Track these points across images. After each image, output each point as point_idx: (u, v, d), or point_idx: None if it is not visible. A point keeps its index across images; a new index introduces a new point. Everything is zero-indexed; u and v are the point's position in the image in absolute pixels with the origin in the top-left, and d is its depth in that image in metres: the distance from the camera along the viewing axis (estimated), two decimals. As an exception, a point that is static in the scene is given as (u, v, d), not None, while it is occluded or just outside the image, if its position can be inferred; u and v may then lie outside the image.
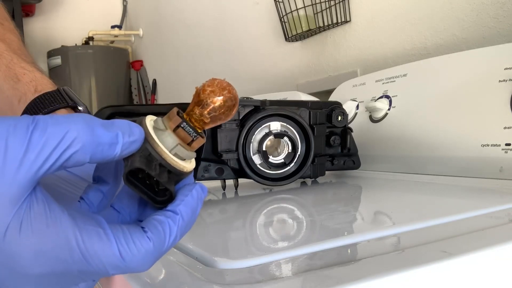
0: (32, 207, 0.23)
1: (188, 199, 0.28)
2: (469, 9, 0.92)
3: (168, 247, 0.27)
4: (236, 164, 0.67)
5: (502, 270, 0.35)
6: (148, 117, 0.29)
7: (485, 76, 0.70)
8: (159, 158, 0.28)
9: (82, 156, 0.24)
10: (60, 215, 0.24)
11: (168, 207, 0.28)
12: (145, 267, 0.26)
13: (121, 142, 0.25)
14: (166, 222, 0.27)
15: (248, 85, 1.74)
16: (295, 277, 0.31)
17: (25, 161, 0.22)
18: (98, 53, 2.67)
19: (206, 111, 0.28)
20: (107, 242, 0.25)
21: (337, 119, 0.73)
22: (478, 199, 0.57)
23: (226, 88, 0.29)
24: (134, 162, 0.27)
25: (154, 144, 0.28)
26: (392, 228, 0.42)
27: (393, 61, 1.10)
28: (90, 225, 0.25)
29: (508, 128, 0.64)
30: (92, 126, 0.24)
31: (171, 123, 0.29)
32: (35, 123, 0.23)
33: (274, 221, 0.51)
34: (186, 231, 0.28)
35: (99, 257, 0.24)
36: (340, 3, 1.22)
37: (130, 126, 0.26)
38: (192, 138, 0.29)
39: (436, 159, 0.73)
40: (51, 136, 0.23)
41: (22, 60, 0.52)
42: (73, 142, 0.23)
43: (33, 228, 0.23)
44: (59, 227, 0.24)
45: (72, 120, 0.24)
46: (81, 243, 0.24)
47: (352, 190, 0.71)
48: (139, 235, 0.26)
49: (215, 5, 1.96)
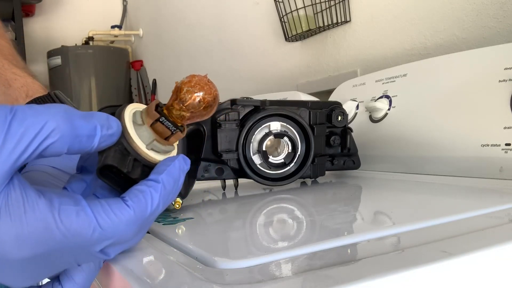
0: (10, 195, 0.23)
1: (170, 168, 0.28)
2: (469, 9, 0.92)
3: (152, 214, 0.28)
4: (236, 164, 0.67)
5: (502, 270, 0.35)
6: (129, 107, 0.29)
7: (485, 76, 0.70)
8: (134, 153, 0.28)
9: (60, 147, 0.24)
10: (37, 199, 0.24)
11: (150, 176, 0.28)
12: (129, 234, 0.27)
13: (99, 135, 0.26)
14: (147, 190, 0.27)
15: (248, 85, 1.74)
16: (295, 277, 0.31)
17: (3, 151, 0.23)
18: (98, 53, 2.67)
19: (185, 107, 0.28)
20: (85, 218, 0.25)
21: (337, 119, 0.73)
22: (478, 199, 0.57)
23: (206, 85, 0.29)
24: (107, 158, 0.27)
25: (130, 139, 0.28)
26: (392, 228, 0.42)
27: (393, 61, 1.10)
28: (67, 205, 0.25)
29: (508, 128, 0.64)
30: (71, 117, 0.25)
31: (149, 118, 0.29)
32: (13, 112, 0.23)
33: (274, 221, 0.51)
34: (169, 200, 0.29)
35: (80, 234, 0.25)
36: (340, 3, 1.22)
37: (109, 120, 0.27)
38: (171, 132, 0.29)
39: (436, 159, 0.73)
40: (30, 126, 0.23)
41: (13, 65, 0.53)
42: (52, 133, 0.24)
43: (11, 215, 0.23)
44: (37, 211, 0.24)
45: (51, 110, 0.24)
46: (59, 224, 0.24)
47: (352, 190, 0.71)
48: (118, 205, 0.26)
49: (215, 5, 1.96)
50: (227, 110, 0.66)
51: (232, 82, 1.88)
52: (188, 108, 0.28)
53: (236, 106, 0.67)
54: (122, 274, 0.35)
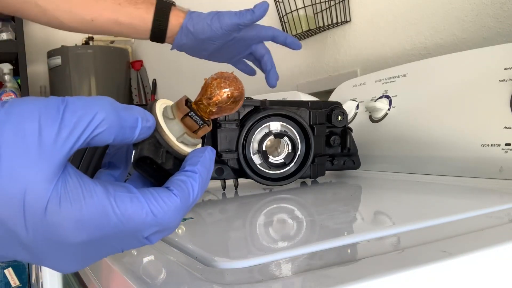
0: (68, 182, 0.25)
1: (203, 159, 0.30)
2: (469, 9, 0.92)
3: (193, 202, 0.29)
4: (236, 164, 0.67)
5: (502, 270, 0.35)
6: (158, 102, 0.31)
7: (485, 76, 0.70)
8: (166, 146, 0.30)
9: (107, 136, 0.26)
10: (93, 186, 0.26)
11: (187, 168, 0.30)
12: (176, 221, 0.28)
13: (140, 127, 0.27)
14: (188, 180, 0.29)
15: (248, 85, 1.73)
16: (295, 277, 0.31)
17: (58, 140, 0.24)
18: (98, 53, 2.67)
19: (213, 102, 0.30)
20: (138, 204, 0.26)
21: (337, 119, 0.73)
22: (478, 199, 0.57)
23: (233, 81, 0.30)
24: (142, 150, 0.29)
25: (162, 132, 0.30)
26: (392, 228, 0.42)
27: (393, 61, 1.10)
28: (121, 192, 0.26)
29: (508, 128, 0.64)
30: (117, 109, 0.26)
31: (179, 112, 0.31)
32: (65, 103, 0.25)
33: (274, 221, 0.51)
34: (205, 189, 0.30)
35: (134, 219, 0.26)
36: (340, 3, 1.22)
37: (145, 113, 0.28)
38: (199, 126, 0.31)
39: (436, 159, 0.73)
40: (82, 116, 0.25)
41: None
42: (102, 123, 0.25)
43: (71, 200, 0.25)
44: (95, 197, 0.25)
45: (100, 102, 0.26)
46: (116, 209, 0.26)
47: (352, 190, 0.71)
48: (166, 194, 0.28)
49: (215, 5, 1.96)
50: (227, 110, 0.66)
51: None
52: (216, 103, 0.30)
53: (236, 106, 0.67)
54: (122, 274, 0.35)
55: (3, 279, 1.23)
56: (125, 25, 0.74)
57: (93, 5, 0.73)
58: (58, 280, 0.67)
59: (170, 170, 0.30)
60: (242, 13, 0.73)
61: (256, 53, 0.83)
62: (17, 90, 2.34)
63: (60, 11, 0.72)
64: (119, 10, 0.73)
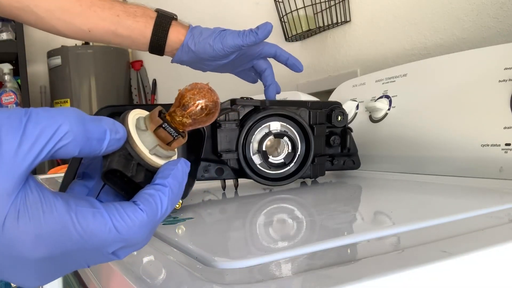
0: (27, 196, 0.24)
1: (174, 172, 0.29)
2: (469, 9, 0.92)
3: (161, 218, 0.28)
4: (236, 164, 0.67)
5: (502, 270, 0.35)
6: (131, 113, 0.30)
7: (485, 76, 0.70)
8: (138, 158, 0.29)
9: (72, 149, 0.25)
10: (54, 200, 0.25)
11: (157, 181, 0.29)
12: (141, 237, 0.27)
13: (108, 139, 0.27)
14: (156, 194, 0.28)
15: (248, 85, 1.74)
16: (295, 277, 0.31)
17: (19, 152, 0.23)
18: (98, 53, 2.67)
19: (187, 113, 0.29)
20: (101, 220, 0.26)
21: (337, 119, 0.73)
22: (478, 199, 0.57)
23: (208, 92, 0.30)
24: (112, 163, 0.28)
25: (134, 144, 0.29)
26: (392, 228, 0.42)
27: (393, 61, 1.10)
28: (83, 206, 0.26)
29: (508, 128, 0.64)
30: (83, 121, 0.25)
31: (152, 123, 0.30)
32: (28, 115, 0.24)
33: (274, 221, 0.51)
34: (175, 203, 0.29)
35: (96, 235, 0.25)
36: (340, 3, 1.22)
37: (115, 125, 0.28)
38: (173, 138, 0.30)
39: (436, 159, 0.73)
40: (44, 128, 0.24)
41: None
42: (66, 135, 0.24)
43: (30, 215, 0.24)
44: (55, 213, 0.25)
45: (65, 113, 0.25)
46: (77, 225, 0.25)
47: (352, 190, 0.71)
48: (131, 209, 0.27)
49: (215, 5, 1.96)
50: (227, 110, 0.66)
51: (232, 82, 1.88)
52: (190, 115, 0.29)
53: (236, 106, 0.67)
54: (122, 274, 0.35)
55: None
56: (124, 37, 0.73)
57: (90, 16, 0.71)
58: (58, 280, 0.67)
59: (141, 183, 0.29)
60: (246, 35, 0.71)
61: (258, 68, 0.82)
62: (17, 90, 2.33)
63: (56, 20, 0.71)
64: (117, 22, 0.72)
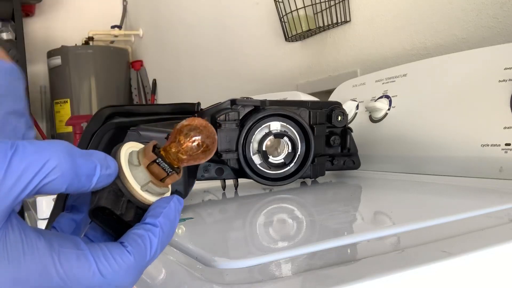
0: (8, 235, 0.23)
1: (166, 211, 0.28)
2: (469, 9, 0.92)
3: (151, 260, 0.27)
4: (236, 164, 0.67)
5: (502, 270, 0.35)
6: (124, 146, 0.29)
7: (485, 76, 0.70)
8: (128, 195, 0.28)
9: (59, 185, 0.23)
10: (36, 241, 0.23)
11: (147, 220, 0.27)
12: (128, 282, 0.26)
13: (98, 175, 0.25)
14: (146, 235, 0.26)
15: (248, 85, 1.74)
16: (295, 277, 0.31)
17: (2, 188, 0.22)
18: (98, 53, 2.67)
19: (183, 149, 0.28)
20: (85, 263, 0.24)
21: (337, 119, 0.73)
22: (478, 199, 0.57)
23: (205, 128, 0.28)
24: (100, 200, 0.27)
25: (125, 180, 0.27)
26: (392, 228, 0.42)
27: (393, 61, 1.10)
28: (67, 248, 0.24)
29: (508, 128, 0.64)
30: (73, 155, 0.24)
31: (146, 158, 0.28)
32: (14, 148, 0.22)
33: (274, 221, 0.51)
34: (167, 243, 0.28)
35: (78, 279, 0.24)
36: (340, 3, 1.22)
37: (107, 159, 0.26)
38: (167, 174, 0.29)
39: (436, 159, 0.73)
40: (31, 163, 0.22)
41: None
42: (53, 171, 0.23)
43: (9, 257, 0.22)
44: (36, 254, 0.23)
45: (54, 147, 0.23)
46: (59, 268, 0.23)
47: (352, 190, 0.71)
48: (118, 251, 0.25)
49: (215, 5, 1.96)
50: (227, 110, 0.66)
51: (232, 82, 1.88)
52: (186, 151, 0.28)
53: (236, 106, 0.67)
54: (122, 274, 0.34)
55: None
56: None
57: None
58: None
59: (131, 222, 0.28)
60: None
61: None
62: (17, 90, 2.33)
63: None
64: None
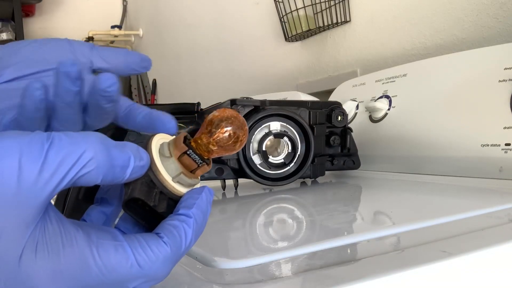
0: (47, 227, 0.23)
1: (199, 202, 0.28)
2: (469, 9, 0.92)
3: (185, 250, 0.27)
4: (236, 164, 0.67)
5: (502, 270, 0.35)
6: (155, 138, 0.29)
7: (485, 76, 0.70)
8: (160, 186, 0.28)
9: (94, 176, 0.23)
10: (75, 233, 0.24)
11: (181, 211, 0.27)
12: (164, 273, 0.26)
13: (132, 166, 0.25)
14: (180, 226, 0.27)
15: (248, 85, 1.74)
16: (295, 277, 0.31)
17: (39, 181, 0.22)
18: (98, 53, 2.67)
19: (213, 140, 0.28)
20: (123, 254, 0.24)
21: (337, 119, 0.73)
22: (478, 199, 0.57)
23: (236, 120, 0.28)
24: (134, 191, 0.27)
25: (157, 171, 0.27)
26: (392, 228, 0.42)
27: (393, 61, 1.10)
28: (105, 239, 0.24)
29: (508, 128, 0.64)
30: (108, 147, 0.24)
31: (177, 150, 0.28)
32: (50, 140, 0.22)
33: (274, 221, 0.51)
34: (200, 234, 0.28)
35: (117, 270, 0.24)
36: (340, 3, 1.22)
37: (139, 151, 0.26)
38: (198, 165, 0.29)
39: (436, 159, 0.73)
40: (67, 155, 0.22)
41: None
42: (89, 162, 0.23)
43: (48, 249, 0.22)
44: (75, 246, 0.23)
45: (89, 138, 0.23)
46: (98, 259, 0.24)
47: (352, 190, 0.71)
48: (155, 242, 0.25)
49: (215, 5, 1.96)
50: (227, 110, 0.66)
51: (232, 82, 1.88)
52: (217, 142, 0.28)
53: (236, 106, 0.67)
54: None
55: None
56: None
57: None
58: None
59: (164, 213, 0.28)
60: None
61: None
62: (17, 90, 2.33)
63: None
64: None
